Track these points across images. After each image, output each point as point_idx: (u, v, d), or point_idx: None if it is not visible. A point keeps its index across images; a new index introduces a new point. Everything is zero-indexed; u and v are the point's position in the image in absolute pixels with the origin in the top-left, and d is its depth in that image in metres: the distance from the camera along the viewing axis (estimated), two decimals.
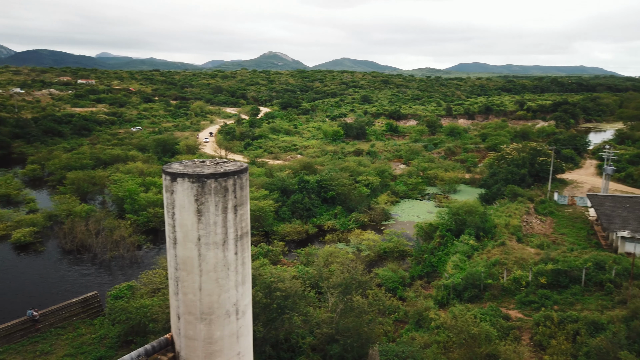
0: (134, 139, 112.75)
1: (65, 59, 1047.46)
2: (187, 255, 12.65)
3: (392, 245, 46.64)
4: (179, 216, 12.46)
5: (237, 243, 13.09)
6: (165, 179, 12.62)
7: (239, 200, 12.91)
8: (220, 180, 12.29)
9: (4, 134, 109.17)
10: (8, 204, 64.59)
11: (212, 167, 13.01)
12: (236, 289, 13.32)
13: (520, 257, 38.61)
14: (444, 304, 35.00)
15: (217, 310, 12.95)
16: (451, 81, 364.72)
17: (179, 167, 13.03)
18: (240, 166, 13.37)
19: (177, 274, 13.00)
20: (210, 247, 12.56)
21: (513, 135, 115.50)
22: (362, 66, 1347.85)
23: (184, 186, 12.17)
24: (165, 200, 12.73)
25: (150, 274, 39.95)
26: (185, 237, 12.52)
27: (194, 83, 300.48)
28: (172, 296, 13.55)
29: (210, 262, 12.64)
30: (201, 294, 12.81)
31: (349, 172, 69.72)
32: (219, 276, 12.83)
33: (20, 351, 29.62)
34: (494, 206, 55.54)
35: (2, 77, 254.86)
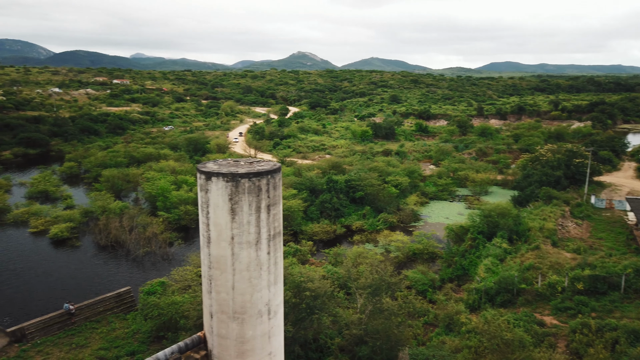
0: (166, 138, 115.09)
1: (102, 59, 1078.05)
2: (220, 254, 12.72)
3: (422, 247, 46.02)
4: (213, 215, 12.54)
5: (270, 243, 13.09)
6: (200, 178, 12.72)
7: (272, 200, 12.91)
8: (254, 180, 12.31)
9: (43, 132, 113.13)
10: (46, 200, 66.84)
11: (246, 167, 13.05)
12: (268, 288, 13.32)
13: (556, 261, 37.46)
14: (476, 308, 34.28)
15: (249, 310, 12.98)
16: (482, 80, 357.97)
17: (214, 166, 13.12)
18: (273, 166, 13.36)
19: (210, 273, 13.10)
20: (244, 247, 12.60)
21: (547, 136, 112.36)
22: (391, 66, 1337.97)
23: (219, 185, 12.24)
24: (200, 199, 12.84)
25: (181, 271, 40.63)
26: (219, 236, 12.60)
27: (224, 83, 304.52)
28: (205, 294, 13.66)
29: (244, 261, 12.68)
30: (234, 293, 12.86)
31: (378, 172, 69.22)
32: (252, 275, 12.86)
33: (57, 343, 30.55)
34: (528, 209, 54.12)
35: (42, 77, 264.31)
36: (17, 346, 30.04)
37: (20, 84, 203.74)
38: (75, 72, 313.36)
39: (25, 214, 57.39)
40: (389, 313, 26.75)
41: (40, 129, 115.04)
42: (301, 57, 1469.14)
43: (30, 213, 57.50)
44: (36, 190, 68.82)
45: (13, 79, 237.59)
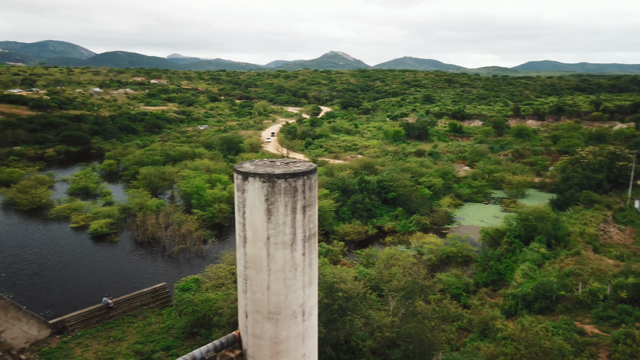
0: (201, 137, 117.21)
1: (140, 60, 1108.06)
2: (256, 254, 12.78)
3: (456, 250, 45.17)
4: (249, 215, 12.60)
5: (305, 244, 13.06)
6: (236, 178, 12.81)
7: (308, 201, 12.87)
8: (290, 181, 12.30)
9: (84, 130, 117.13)
10: (87, 196, 69.14)
11: (282, 167, 13.06)
12: (303, 290, 13.30)
13: (597, 268, 36.06)
14: (512, 314, 33.39)
15: (284, 311, 12.99)
16: (519, 80, 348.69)
17: (250, 166, 13.19)
18: (309, 167, 13.32)
19: (246, 272, 13.18)
20: (279, 247, 12.62)
21: (587, 138, 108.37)
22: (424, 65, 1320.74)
23: (255, 185, 12.29)
24: (236, 199, 12.93)
25: (214, 268, 41.24)
26: (255, 236, 12.66)
27: (257, 83, 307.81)
28: (240, 294, 13.76)
29: (279, 262, 12.70)
30: (269, 293, 12.90)
31: (411, 173, 68.41)
32: (287, 276, 12.86)
33: (95, 336, 31.51)
34: (568, 213, 52.35)
35: (84, 77, 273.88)
36: (58, 337, 31.15)
37: (64, 84, 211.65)
38: (115, 73, 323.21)
39: (67, 209, 59.51)
40: (422, 317, 26.35)
41: (81, 127, 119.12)
42: (334, 56, 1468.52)
43: (71, 209, 59.59)
44: (77, 186, 71.30)
45: (57, 79, 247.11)
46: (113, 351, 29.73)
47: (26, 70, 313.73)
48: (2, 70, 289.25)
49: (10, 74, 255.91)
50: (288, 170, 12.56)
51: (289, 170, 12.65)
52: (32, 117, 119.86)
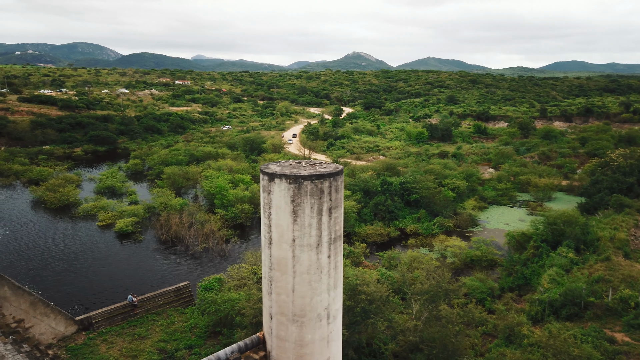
0: (224, 137, 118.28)
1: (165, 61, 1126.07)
2: (281, 255, 12.71)
3: (480, 254, 44.36)
4: (275, 216, 12.54)
5: (331, 246, 12.93)
6: (263, 179, 12.75)
7: (334, 203, 12.74)
8: (317, 182, 12.19)
9: (111, 130, 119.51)
10: (113, 195, 70.44)
11: (308, 169, 12.95)
12: (328, 292, 13.17)
13: (628, 274, 34.92)
14: (538, 320, 32.61)
15: (309, 313, 12.89)
16: (546, 81, 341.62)
17: (276, 167, 13.12)
18: (335, 168, 13.18)
19: (271, 274, 13.11)
20: (305, 249, 12.52)
21: (617, 140, 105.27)
22: (448, 65, 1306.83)
23: (281, 187, 12.21)
24: (262, 200, 12.88)
25: (237, 268, 41.44)
26: (281, 238, 12.59)
27: (280, 84, 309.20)
28: (265, 295, 13.70)
29: (304, 264, 12.61)
30: (294, 295, 12.81)
31: (434, 174, 67.59)
32: (312, 279, 12.75)
33: (120, 333, 31.97)
34: (597, 217, 50.91)
35: (111, 78, 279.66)
36: (84, 334, 31.72)
37: (91, 85, 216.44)
38: (141, 74, 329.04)
39: (93, 208, 60.71)
40: (447, 321, 25.91)
41: (108, 127, 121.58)
42: (356, 57, 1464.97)
43: (98, 207, 60.77)
44: (104, 185, 72.70)
45: (85, 79, 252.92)
46: (137, 349, 30.11)
47: (56, 71, 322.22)
48: (32, 71, 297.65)
49: (41, 75, 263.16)
50: (314, 172, 12.44)
51: (315, 171, 12.54)
52: (61, 117, 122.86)
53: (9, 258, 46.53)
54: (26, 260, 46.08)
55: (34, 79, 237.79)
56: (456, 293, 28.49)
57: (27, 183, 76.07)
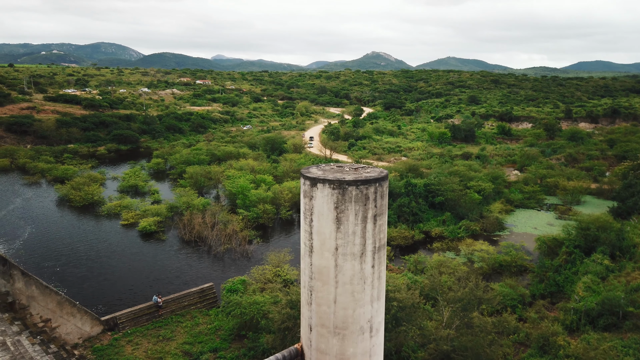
0: (245, 137, 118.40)
1: (185, 61, 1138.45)
2: (323, 264, 12.02)
3: (510, 259, 43.08)
4: (317, 223, 11.86)
5: (375, 255, 12.20)
6: (304, 184, 12.09)
7: (379, 210, 12.01)
8: (362, 188, 11.47)
9: (133, 129, 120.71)
10: (136, 194, 70.89)
11: (352, 173, 12.26)
12: (371, 304, 12.45)
13: None
14: (574, 330, 31.37)
15: (351, 326, 12.18)
16: (570, 81, 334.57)
17: (318, 171, 12.45)
18: (380, 173, 12.45)
19: (311, 284, 12.44)
20: (348, 258, 11.81)
21: None
22: (468, 65, 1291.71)
23: (324, 192, 11.53)
24: (303, 206, 12.22)
25: (260, 270, 41.07)
26: (322, 246, 11.90)
27: (299, 83, 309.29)
28: (304, 305, 13.05)
29: (347, 274, 11.90)
30: (336, 306, 12.11)
31: (459, 176, 66.23)
32: (355, 289, 12.04)
33: (145, 334, 31.79)
34: (631, 222, 49.10)
35: (133, 78, 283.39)
36: (109, 334, 31.63)
37: (114, 84, 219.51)
38: (163, 73, 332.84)
39: (117, 206, 61.09)
40: (480, 330, 24.96)
41: (131, 126, 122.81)
42: (375, 57, 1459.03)
43: (122, 206, 61.11)
44: (127, 184, 73.21)
45: (108, 79, 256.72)
46: (162, 350, 29.87)
47: (79, 70, 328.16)
48: (57, 70, 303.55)
49: (65, 75, 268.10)
50: (359, 177, 11.74)
51: (360, 176, 11.84)
52: (86, 116, 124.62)
53: (35, 256, 47.00)
54: (52, 259, 46.47)
55: (58, 78, 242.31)
56: (491, 302, 27.47)
57: (52, 181, 77.12)
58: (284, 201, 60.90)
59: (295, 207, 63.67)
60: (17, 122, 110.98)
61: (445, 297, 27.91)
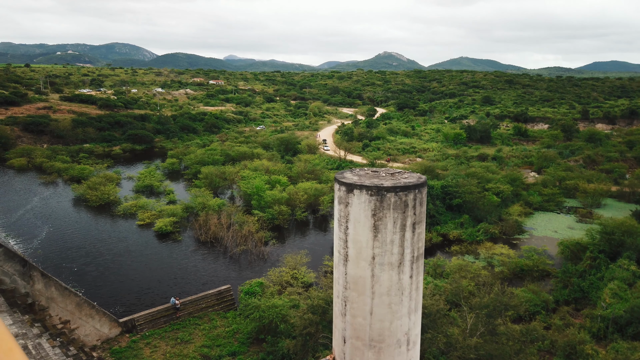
0: (259, 137, 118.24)
1: (198, 61, 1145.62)
2: (358, 274, 11.50)
3: (531, 264, 42.14)
4: (353, 231, 11.35)
5: (413, 265, 11.65)
6: (339, 190, 11.58)
7: (418, 218, 11.46)
8: (401, 195, 10.93)
9: (148, 129, 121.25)
10: (151, 194, 70.98)
11: (389, 179, 11.73)
12: (409, 316, 11.90)
13: None
14: (601, 338, 30.48)
15: (387, 339, 11.65)
16: (586, 81, 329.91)
17: (353, 176, 11.95)
18: (419, 178, 11.89)
19: (346, 294, 11.94)
20: (385, 268, 11.29)
21: None
22: (481, 65, 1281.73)
23: (361, 199, 11.01)
24: (338, 212, 11.71)
25: (277, 272, 40.71)
26: (359, 255, 11.39)
27: (312, 84, 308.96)
28: (337, 316, 12.56)
29: (384, 284, 11.37)
30: (372, 318, 11.59)
31: (477, 178, 65.25)
32: (392, 301, 11.51)
33: (163, 337, 31.56)
34: None
35: (147, 78, 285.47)
36: (127, 336, 31.44)
37: (129, 84, 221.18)
38: (176, 74, 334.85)
39: (133, 206, 61.16)
40: (507, 338, 24.25)
41: (146, 126, 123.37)
42: (387, 57, 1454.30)
43: (137, 206, 61.18)
44: (142, 184, 73.35)
45: (122, 79, 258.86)
46: (181, 353, 29.60)
47: (94, 71, 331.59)
48: (73, 71, 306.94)
49: (80, 75, 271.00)
50: (398, 183, 11.21)
51: (398, 182, 11.30)
52: (101, 116, 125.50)
53: (52, 256, 47.15)
54: (69, 259, 46.56)
55: (74, 78, 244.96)
56: (517, 309, 26.72)
57: (68, 180, 77.59)
58: (299, 202, 60.48)
59: (310, 208, 63.24)
60: (34, 122, 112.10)
61: (469, 303, 27.20)
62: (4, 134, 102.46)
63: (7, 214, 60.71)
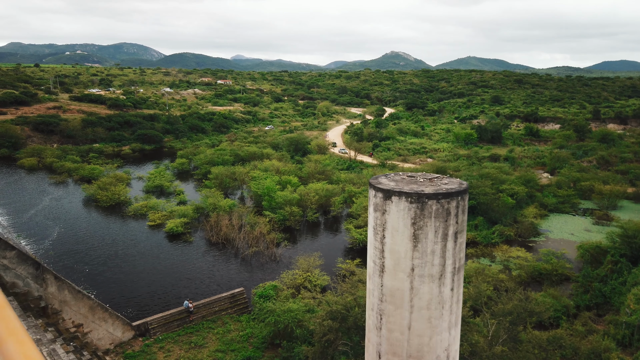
0: (268, 137, 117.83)
1: (205, 61, 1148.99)
2: (396, 286, 10.83)
3: (550, 267, 41.21)
4: (390, 241, 10.68)
5: (454, 277, 10.96)
6: (375, 197, 10.92)
7: (460, 227, 10.77)
8: (443, 202, 10.25)
9: (157, 129, 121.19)
10: (161, 194, 70.67)
11: (428, 184, 11.05)
12: (449, 331, 11.22)
13: None
14: (626, 346, 29.58)
15: (426, 355, 10.97)
16: (596, 81, 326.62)
17: (389, 182, 11.28)
18: (460, 185, 11.20)
19: (381, 307, 11.26)
20: (425, 280, 10.61)
21: None
22: (489, 65, 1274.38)
23: (400, 206, 10.34)
24: (373, 220, 11.05)
25: (290, 275, 40.13)
26: (396, 266, 10.72)
27: (319, 83, 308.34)
28: (371, 330, 11.89)
29: (424, 297, 10.69)
30: (410, 333, 10.92)
31: (491, 179, 64.28)
32: (432, 315, 10.83)
33: (177, 341, 31.06)
34: None
35: (155, 77, 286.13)
36: (141, 340, 30.98)
37: (137, 84, 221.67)
38: (184, 73, 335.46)
39: (143, 207, 60.82)
40: (532, 346, 23.47)
41: (155, 126, 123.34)
42: (394, 56, 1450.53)
43: (148, 207, 60.84)
44: (152, 184, 73.05)
45: (131, 79, 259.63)
46: (195, 358, 29.08)
47: (103, 70, 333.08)
48: (82, 70, 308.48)
49: (89, 75, 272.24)
50: (439, 190, 10.53)
51: (439, 189, 10.62)
52: (110, 116, 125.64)
53: (64, 257, 46.86)
54: (80, 260, 46.24)
55: (83, 78, 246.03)
56: (542, 316, 25.93)
57: (79, 180, 77.51)
58: (311, 203, 59.85)
59: (321, 209, 62.58)
60: (44, 122, 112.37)
61: (491, 309, 26.43)
62: (15, 133, 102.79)
63: (18, 214, 60.63)
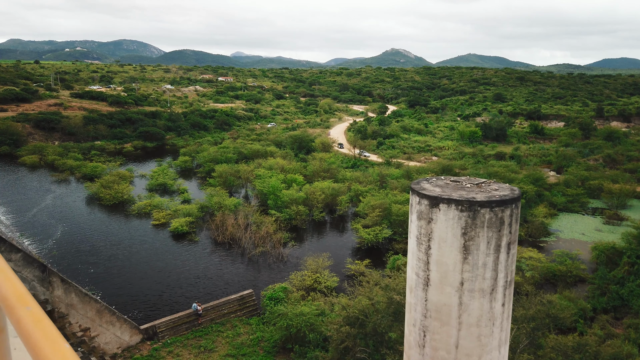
0: (271, 135, 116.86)
1: (206, 58, 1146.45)
2: (443, 302, 9.92)
3: (565, 269, 40.41)
4: (437, 252, 9.76)
5: (506, 291, 10.04)
6: (419, 203, 10.00)
7: (513, 237, 9.83)
8: (497, 210, 9.32)
9: (159, 126, 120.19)
10: (164, 193, 69.81)
11: (477, 190, 10.16)
12: (499, 349, 10.33)
13: None
14: None
15: None
16: (598, 78, 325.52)
17: (433, 187, 10.34)
18: (513, 191, 10.27)
19: (425, 323, 10.37)
20: (476, 295, 9.69)
21: None
22: (489, 62, 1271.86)
23: (449, 215, 9.41)
24: (416, 229, 10.14)
25: (299, 276, 39.34)
26: (443, 280, 9.80)
27: (320, 81, 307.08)
28: (412, 347, 11.01)
29: (474, 313, 9.79)
30: (457, 352, 10.02)
31: (498, 178, 63.40)
32: (482, 332, 9.94)
33: (185, 345, 30.26)
34: None
35: (156, 74, 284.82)
36: (148, 344, 30.19)
37: (138, 81, 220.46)
38: (184, 70, 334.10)
39: (147, 206, 59.95)
40: (556, 353, 22.67)
41: (156, 123, 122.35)
42: (394, 53, 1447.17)
43: (152, 205, 59.97)
44: (155, 182, 72.16)
45: (131, 76, 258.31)
46: None
47: (103, 67, 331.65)
48: (82, 67, 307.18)
49: (89, 71, 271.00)
50: (492, 197, 9.62)
51: (492, 196, 9.71)
52: (112, 113, 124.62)
53: (68, 257, 46.04)
54: (85, 260, 45.42)
55: (83, 75, 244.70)
56: (564, 321, 25.14)
57: (81, 178, 76.62)
58: (317, 202, 59.01)
59: (327, 208, 61.74)
60: (45, 119, 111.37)
61: (516, 316, 25.60)
62: (16, 130, 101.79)
63: (20, 213, 59.78)
